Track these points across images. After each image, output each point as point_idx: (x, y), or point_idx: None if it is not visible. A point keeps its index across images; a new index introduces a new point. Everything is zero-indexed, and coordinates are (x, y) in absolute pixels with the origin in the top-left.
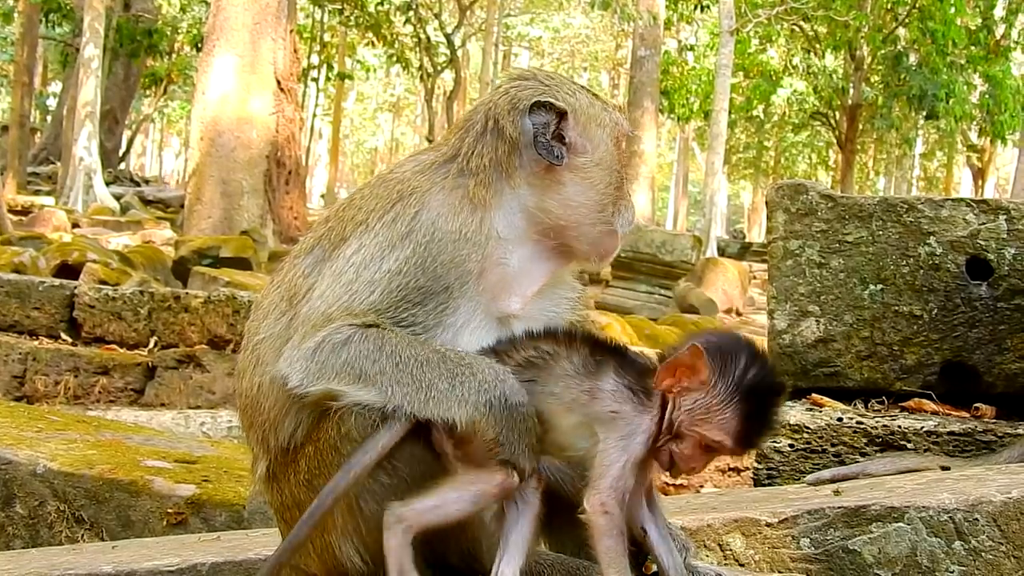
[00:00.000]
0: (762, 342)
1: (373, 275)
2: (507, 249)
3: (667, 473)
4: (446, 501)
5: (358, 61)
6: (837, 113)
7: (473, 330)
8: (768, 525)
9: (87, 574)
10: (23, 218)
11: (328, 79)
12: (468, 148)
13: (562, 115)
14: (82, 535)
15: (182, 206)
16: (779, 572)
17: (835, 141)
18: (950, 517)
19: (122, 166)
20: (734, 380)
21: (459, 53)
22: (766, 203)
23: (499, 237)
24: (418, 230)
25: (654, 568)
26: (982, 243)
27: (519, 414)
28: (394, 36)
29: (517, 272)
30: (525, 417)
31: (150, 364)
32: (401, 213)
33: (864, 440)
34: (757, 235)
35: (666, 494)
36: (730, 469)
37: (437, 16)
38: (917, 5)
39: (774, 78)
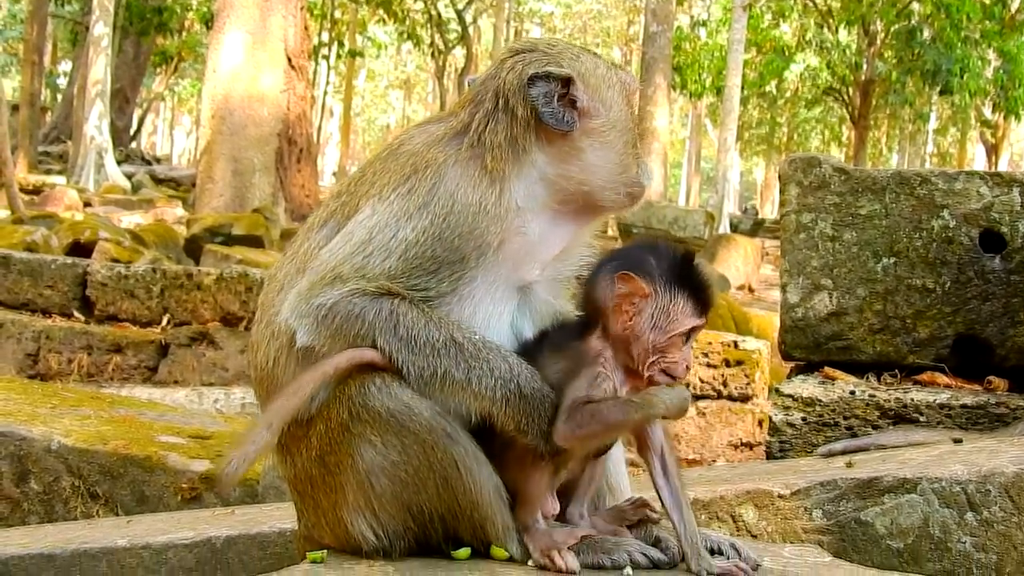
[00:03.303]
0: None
1: (388, 241)
2: (526, 219)
3: (671, 381)
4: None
5: (369, 38)
6: (850, 89)
7: (493, 300)
8: (781, 497)
9: (102, 548)
10: (35, 197)
11: (339, 56)
12: (479, 123)
13: (568, 81)
14: (97, 510)
15: (194, 184)
16: (791, 543)
17: (848, 117)
18: (962, 488)
19: (133, 145)
20: (665, 272)
21: (470, 30)
22: (779, 176)
23: (519, 208)
24: (436, 202)
25: None
26: (996, 216)
27: (535, 400)
28: (405, 13)
29: (537, 241)
30: (542, 400)
31: (163, 342)
32: (416, 186)
33: (877, 413)
34: (770, 211)
35: None
36: (742, 444)
37: None
38: None
39: (787, 54)
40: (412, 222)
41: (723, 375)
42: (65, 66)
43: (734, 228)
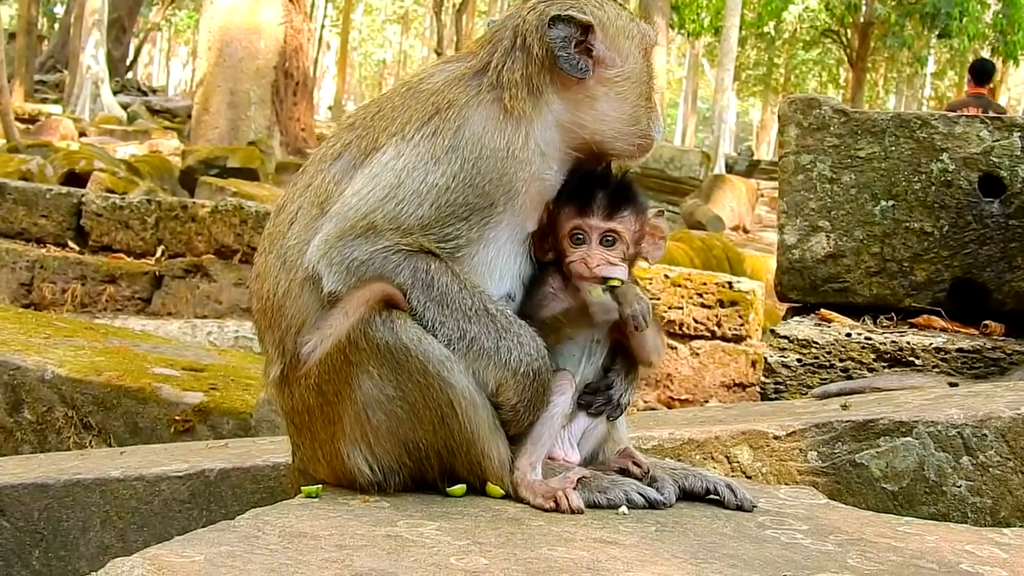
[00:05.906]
0: None
1: (419, 186)
2: (547, 164)
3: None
4: None
5: None
6: (849, 31)
7: (513, 244)
8: (776, 438)
9: (95, 479)
10: (30, 126)
11: None
12: (498, 62)
13: (588, 28)
14: (90, 441)
15: (189, 116)
16: (786, 485)
17: (846, 59)
18: (958, 432)
19: (129, 75)
20: (563, 189)
21: None
22: (778, 117)
23: (543, 154)
24: (464, 146)
25: None
26: (995, 160)
27: (543, 387)
28: None
29: (552, 188)
30: (545, 388)
31: (157, 273)
32: (441, 127)
33: (872, 356)
34: (766, 153)
35: (670, 408)
36: (735, 384)
37: None
38: None
39: None
40: (441, 166)
41: (717, 315)
42: None
43: (729, 168)
